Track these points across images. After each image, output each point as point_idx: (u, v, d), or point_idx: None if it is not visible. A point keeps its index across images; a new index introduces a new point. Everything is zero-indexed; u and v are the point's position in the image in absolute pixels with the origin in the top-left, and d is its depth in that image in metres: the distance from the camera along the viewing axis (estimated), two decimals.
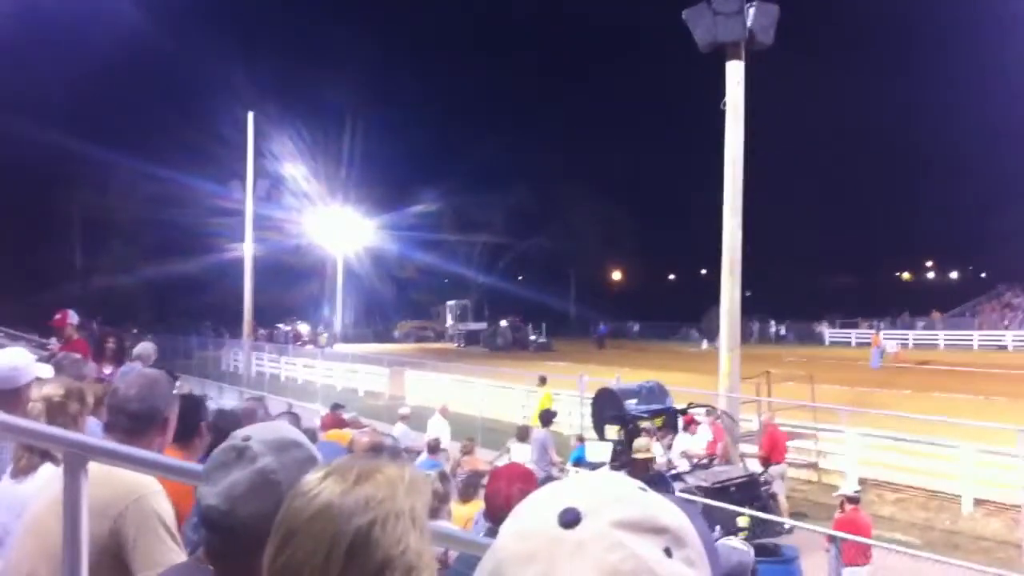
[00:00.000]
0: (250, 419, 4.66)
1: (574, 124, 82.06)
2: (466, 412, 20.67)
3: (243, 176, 32.22)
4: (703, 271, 64.12)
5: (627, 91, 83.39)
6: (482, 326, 59.86)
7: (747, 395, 16.74)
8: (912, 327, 54.10)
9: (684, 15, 15.17)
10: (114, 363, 10.07)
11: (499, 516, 4.09)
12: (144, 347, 10.41)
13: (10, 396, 3.89)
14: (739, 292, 15.54)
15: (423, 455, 10.82)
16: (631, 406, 14.95)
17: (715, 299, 16.07)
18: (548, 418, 14.70)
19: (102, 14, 49.03)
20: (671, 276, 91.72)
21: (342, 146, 65.58)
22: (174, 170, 51.53)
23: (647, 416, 14.45)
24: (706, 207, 17.77)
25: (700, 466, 13.36)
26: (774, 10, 14.99)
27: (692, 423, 14.74)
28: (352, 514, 1.25)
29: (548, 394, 18.89)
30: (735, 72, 15.43)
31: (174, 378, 4.00)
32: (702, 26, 14.98)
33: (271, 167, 50.14)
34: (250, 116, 31.53)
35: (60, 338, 11.60)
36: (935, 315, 56.22)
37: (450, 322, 62.49)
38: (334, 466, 1.35)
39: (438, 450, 11.11)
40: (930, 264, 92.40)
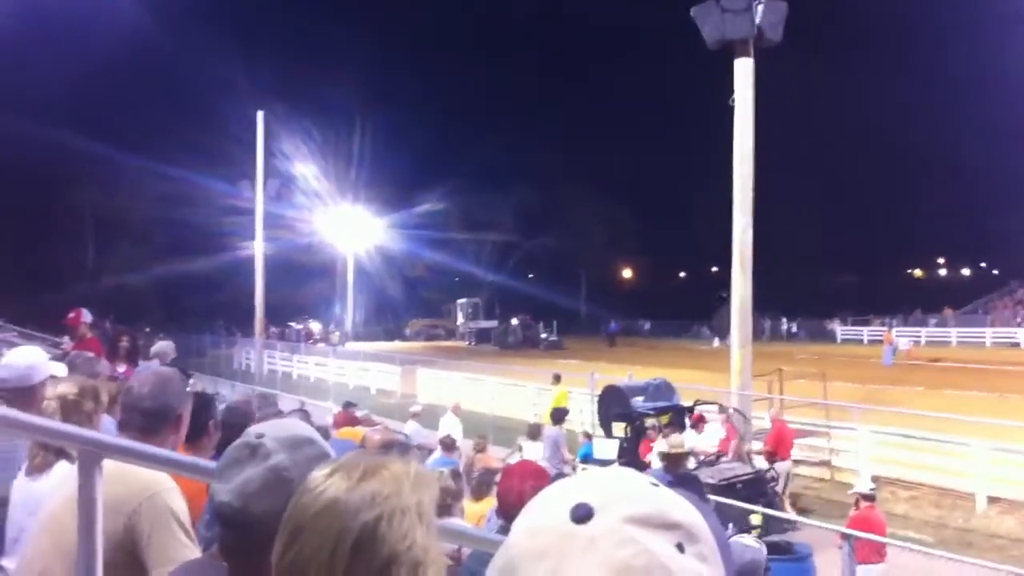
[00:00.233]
0: (244, 411, 4.67)
1: (582, 123, 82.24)
2: (477, 410, 20.70)
3: (253, 175, 32.28)
4: (713, 268, 64.12)
5: (636, 90, 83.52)
6: (493, 324, 59.81)
7: (759, 392, 16.71)
8: (924, 324, 53.84)
9: (692, 12, 15.14)
10: (127, 362, 10.11)
11: (512, 513, 4.09)
12: (162, 345, 10.46)
13: (25, 394, 3.91)
14: (750, 289, 15.52)
15: (437, 452, 10.83)
16: (638, 403, 14.98)
17: (726, 297, 16.05)
18: (560, 416, 14.70)
19: (113, 14, 49.24)
20: (681, 274, 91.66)
21: (352, 145, 65.87)
22: (185, 169, 51.78)
23: (653, 413, 14.45)
24: (716, 205, 17.73)
25: (707, 463, 13.33)
26: (782, 7, 14.95)
27: (700, 421, 14.70)
28: (358, 510, 1.26)
29: (564, 392, 18.86)
30: (744, 69, 15.40)
31: (187, 376, 4.03)
32: (710, 23, 14.96)
33: (281, 166, 50.46)
34: (260, 115, 31.58)
35: (73, 337, 11.65)
36: (947, 312, 55.96)
37: (461, 320, 62.47)
38: (340, 463, 1.36)
39: (453, 448, 11.11)
40: (942, 261, 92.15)
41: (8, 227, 48.35)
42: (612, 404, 15.47)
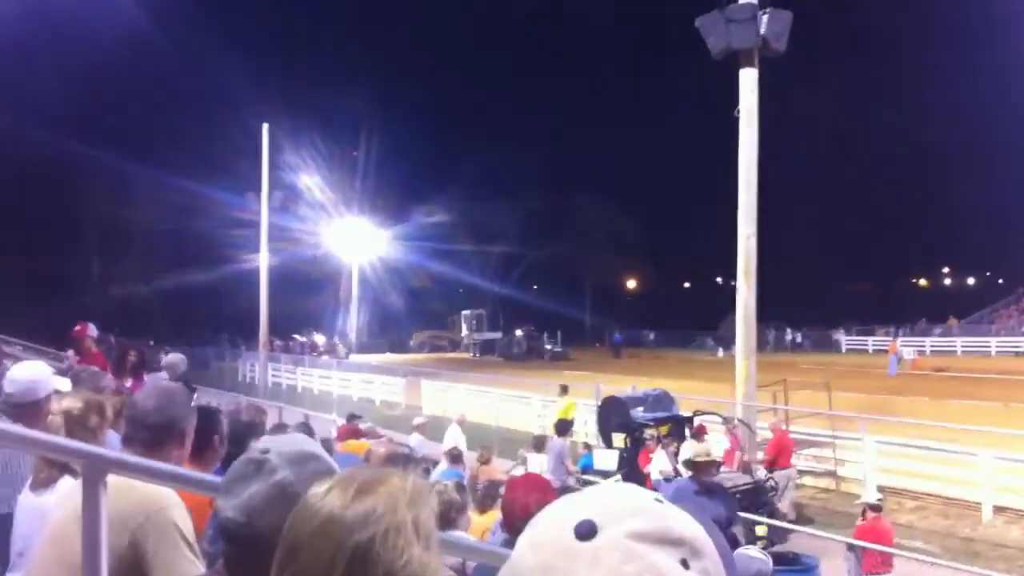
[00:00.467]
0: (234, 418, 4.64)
1: (588, 134, 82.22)
2: (482, 422, 20.66)
3: (259, 187, 32.37)
4: (719, 279, 64.10)
5: (643, 99, 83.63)
6: (497, 335, 59.81)
7: (764, 403, 16.68)
8: (929, 334, 53.77)
9: (697, 23, 15.18)
10: (135, 376, 10.12)
11: (516, 526, 4.09)
12: (173, 358, 10.47)
13: (30, 409, 3.92)
14: (755, 299, 15.50)
15: (443, 464, 10.80)
16: (637, 414, 14.97)
17: (731, 307, 16.03)
18: (564, 428, 14.67)
19: (120, 26, 49.44)
20: (686, 284, 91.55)
21: (356, 157, 66.04)
22: (191, 181, 51.82)
23: (653, 424, 14.44)
24: (721, 215, 17.75)
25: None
26: (787, 17, 14.97)
27: (701, 431, 14.67)
28: (352, 530, 1.25)
29: (571, 403, 18.83)
30: (748, 79, 15.42)
31: (192, 390, 4.03)
32: (715, 33, 14.99)
33: (287, 178, 50.55)
34: (265, 128, 31.69)
35: (79, 351, 11.66)
36: (952, 322, 55.91)
37: (465, 332, 62.41)
38: (337, 479, 1.36)
39: (459, 460, 11.08)
40: (947, 270, 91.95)
41: (14, 238, 48.45)
42: (612, 415, 15.46)
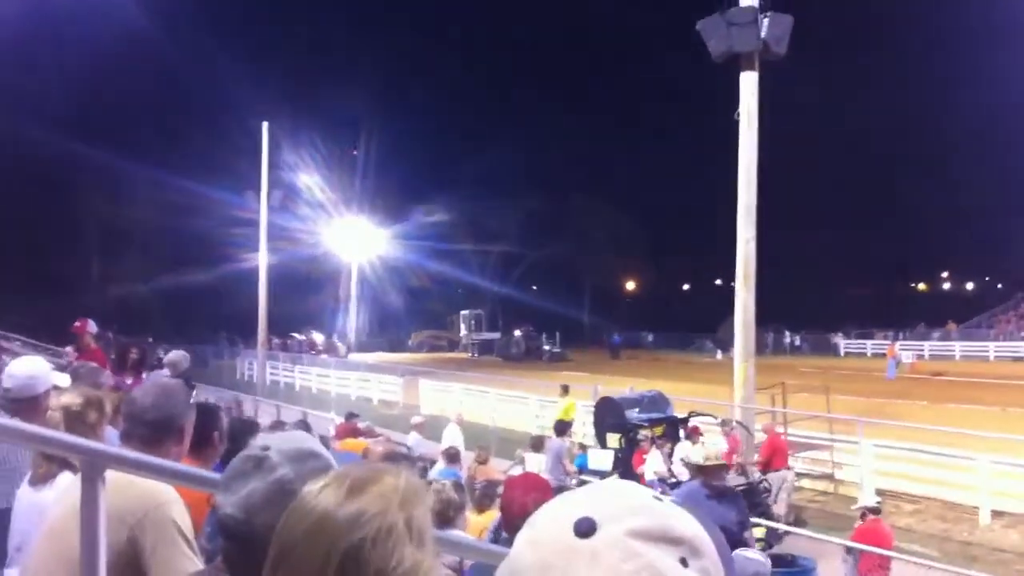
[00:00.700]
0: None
1: (588, 135, 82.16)
2: (480, 422, 20.67)
3: (258, 186, 32.36)
4: (718, 281, 64.02)
5: (643, 100, 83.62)
6: (496, 336, 59.82)
7: (762, 406, 16.68)
8: (928, 338, 53.80)
9: (698, 26, 15.18)
10: (134, 374, 10.13)
11: (515, 525, 4.09)
12: (175, 355, 10.48)
13: (28, 404, 3.92)
14: (754, 302, 15.51)
15: (440, 464, 10.80)
16: (632, 415, 15.02)
17: (730, 309, 16.03)
18: (563, 428, 14.68)
19: (120, 25, 49.42)
20: (685, 286, 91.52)
21: (356, 156, 66.04)
22: (191, 180, 51.76)
23: (647, 425, 14.49)
24: (721, 217, 17.73)
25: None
26: (788, 20, 14.99)
27: (696, 432, 14.71)
28: (343, 532, 1.25)
29: (572, 403, 18.84)
30: (749, 83, 15.42)
31: (191, 387, 4.03)
32: (716, 36, 14.99)
33: (286, 177, 50.47)
34: (265, 126, 31.69)
35: (78, 346, 11.68)
36: (951, 326, 55.92)
37: (464, 332, 62.41)
38: (331, 477, 1.34)
39: (456, 459, 11.07)
40: (946, 275, 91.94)
41: (14, 236, 48.41)
42: (607, 415, 15.54)
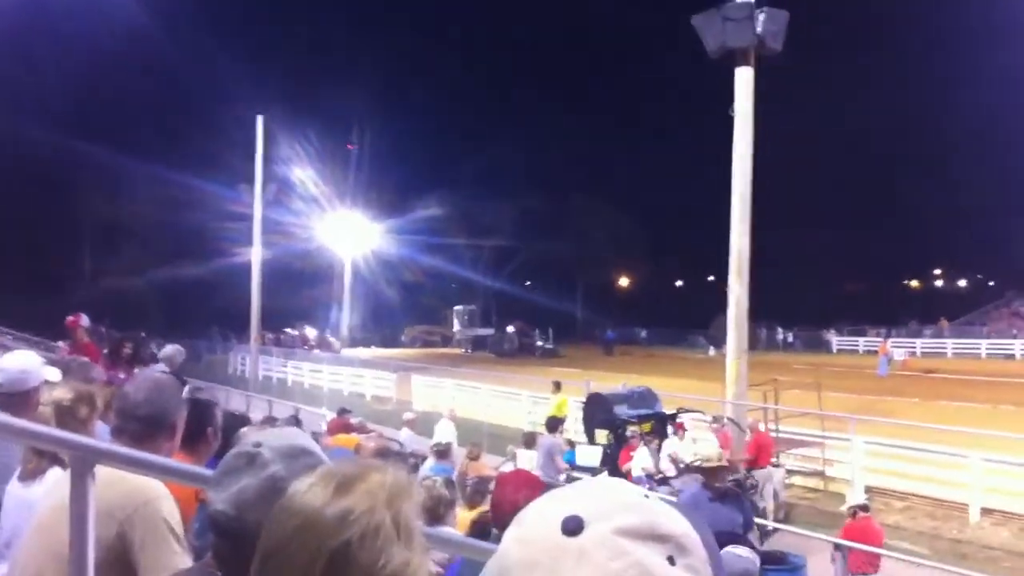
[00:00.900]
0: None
1: (582, 130, 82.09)
2: (472, 417, 20.67)
3: (252, 180, 32.27)
4: (711, 277, 64.13)
5: (636, 95, 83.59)
6: (489, 331, 59.79)
7: (754, 402, 16.71)
8: (920, 335, 53.95)
9: (693, 21, 15.17)
10: (127, 368, 10.10)
11: (505, 522, 4.09)
12: (170, 350, 10.46)
13: (19, 399, 3.91)
14: (747, 298, 15.53)
15: (430, 460, 10.79)
16: (621, 411, 15.06)
17: (723, 306, 16.06)
18: (555, 425, 14.69)
19: (113, 19, 49.24)
20: (679, 282, 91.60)
21: (351, 151, 65.94)
22: (184, 174, 51.64)
23: (635, 421, 14.52)
24: (715, 213, 17.76)
25: (688, 470, 13.44)
26: (783, 16, 14.98)
27: (680, 428, 14.76)
28: (329, 533, 1.23)
29: (564, 399, 18.82)
30: (744, 78, 15.43)
31: (183, 383, 4.02)
32: (711, 32, 14.99)
33: (280, 171, 50.37)
34: (259, 120, 31.58)
35: (71, 340, 11.65)
36: (943, 323, 56.08)
37: (457, 327, 62.37)
38: (318, 475, 1.33)
39: (446, 455, 11.06)
40: (938, 272, 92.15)
41: (6, 231, 48.25)
42: (596, 411, 15.60)
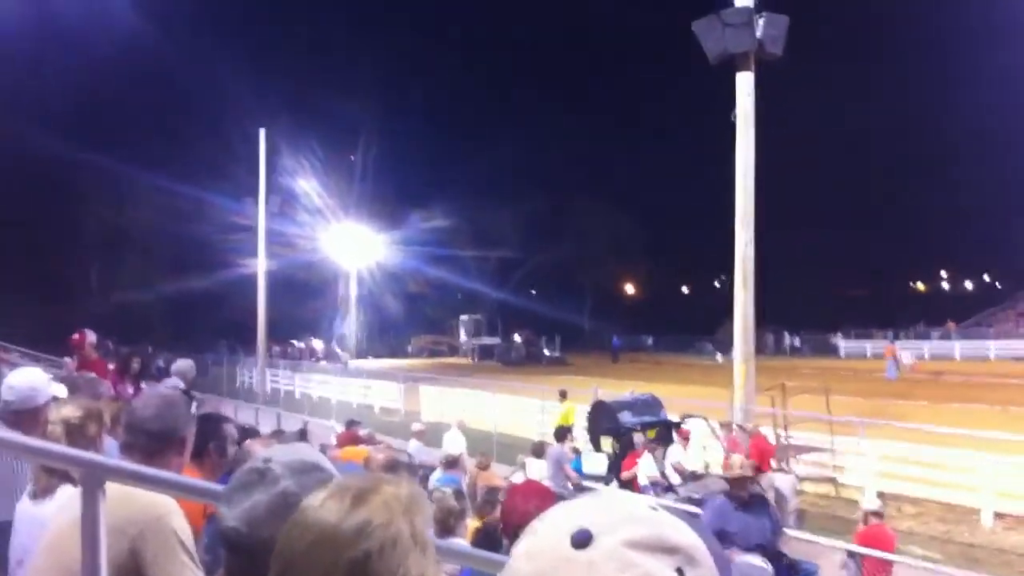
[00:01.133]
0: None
1: (587, 138, 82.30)
2: (481, 427, 20.62)
3: (257, 192, 32.39)
4: (717, 283, 64.05)
5: (642, 102, 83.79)
6: (496, 341, 59.81)
7: (762, 407, 16.65)
8: (927, 338, 53.74)
9: (693, 27, 15.18)
10: (135, 383, 10.11)
11: (516, 533, 4.08)
12: (182, 365, 10.46)
13: (28, 416, 3.92)
14: (752, 304, 15.49)
15: (438, 471, 10.77)
16: (625, 418, 15.07)
17: (729, 312, 16.03)
18: (563, 434, 14.66)
19: (120, 31, 49.52)
20: (685, 288, 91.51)
21: (355, 162, 66.12)
22: (190, 186, 51.88)
23: (640, 428, 14.51)
24: (720, 219, 17.74)
25: (693, 477, 13.45)
26: (784, 20, 14.98)
27: (684, 435, 14.75)
28: (347, 545, 1.24)
29: (571, 408, 18.75)
30: (745, 83, 15.42)
31: (191, 398, 4.03)
32: (711, 37, 14.99)
33: (285, 183, 50.54)
34: (262, 133, 31.73)
35: (79, 358, 11.64)
36: (950, 325, 55.87)
37: (464, 337, 62.42)
38: (332, 489, 1.34)
39: (454, 465, 11.03)
40: (945, 274, 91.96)
41: (14, 243, 48.38)
42: (601, 419, 15.63)
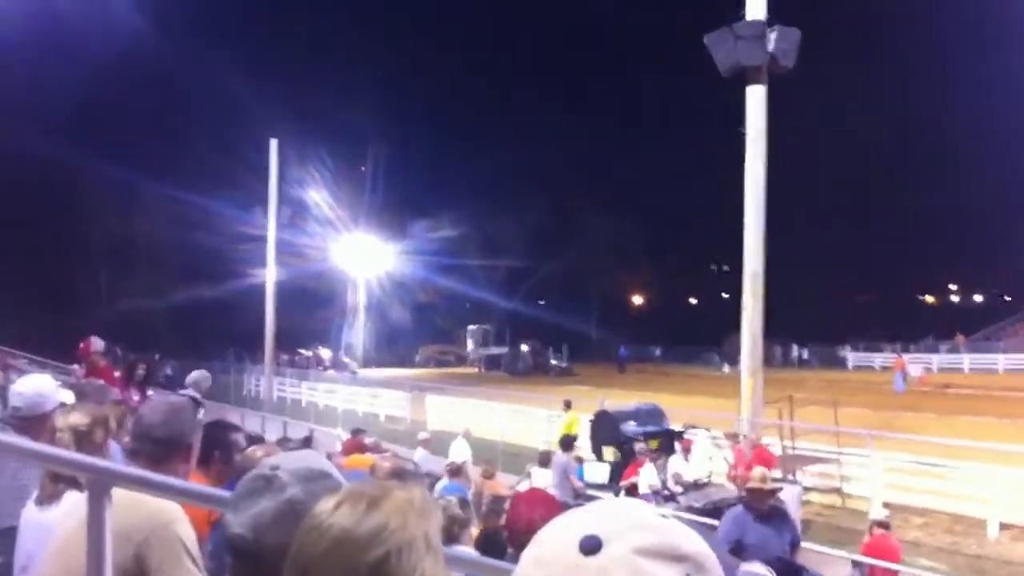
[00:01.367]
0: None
1: (595, 149, 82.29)
2: (487, 437, 20.62)
3: (266, 202, 32.44)
4: (724, 294, 63.96)
5: (654, 112, 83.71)
6: (503, 350, 59.77)
7: (770, 419, 16.62)
8: (936, 351, 53.60)
9: (706, 39, 15.15)
10: (140, 389, 10.13)
11: (521, 541, 4.07)
12: (196, 375, 10.48)
13: (36, 423, 3.93)
14: (761, 315, 15.46)
15: (443, 479, 10.77)
16: (628, 427, 15.13)
17: (737, 323, 16.00)
18: (569, 443, 14.64)
19: (129, 40, 49.80)
20: (692, 300, 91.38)
21: (364, 172, 66.32)
22: (199, 196, 52.12)
23: (643, 438, 14.53)
24: (729, 230, 17.73)
25: (696, 487, 13.47)
26: (796, 33, 14.95)
27: (687, 445, 14.75)
28: (365, 547, 1.24)
29: (575, 417, 18.74)
30: (756, 96, 15.40)
31: (198, 405, 4.03)
32: (723, 50, 14.96)
33: (295, 193, 50.70)
34: (273, 144, 31.77)
35: (87, 366, 11.65)
36: (959, 339, 55.69)
37: (471, 347, 62.46)
38: (344, 495, 1.34)
39: (459, 473, 11.04)
40: (954, 287, 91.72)
41: (23, 252, 48.58)
42: (603, 429, 15.72)
